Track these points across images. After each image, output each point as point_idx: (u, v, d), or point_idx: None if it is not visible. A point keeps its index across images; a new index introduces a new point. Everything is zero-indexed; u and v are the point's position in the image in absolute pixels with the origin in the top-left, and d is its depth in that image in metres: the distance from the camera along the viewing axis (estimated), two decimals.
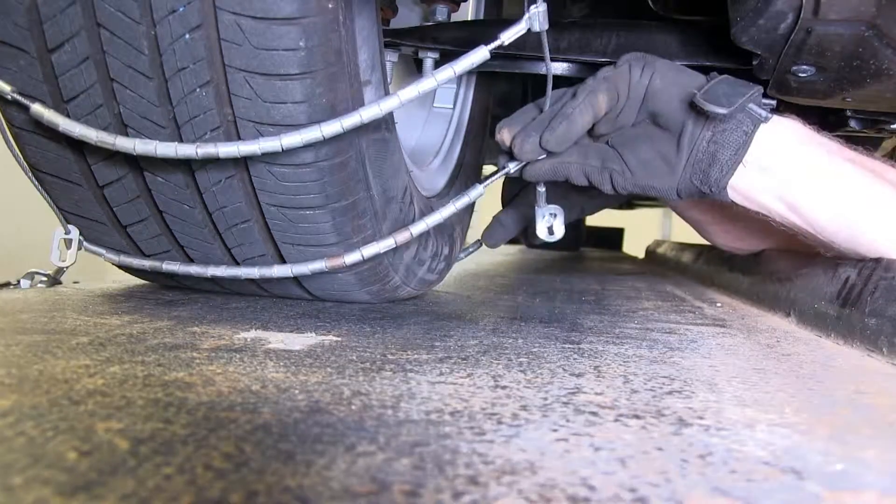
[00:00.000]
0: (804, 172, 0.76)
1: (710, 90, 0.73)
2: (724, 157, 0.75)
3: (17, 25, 0.60)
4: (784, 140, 0.76)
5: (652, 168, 0.78)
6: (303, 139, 0.60)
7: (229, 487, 0.28)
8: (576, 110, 0.73)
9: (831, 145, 0.78)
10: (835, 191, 0.76)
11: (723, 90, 0.73)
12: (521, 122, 0.78)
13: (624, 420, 0.40)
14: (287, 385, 0.44)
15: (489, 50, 0.64)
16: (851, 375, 0.57)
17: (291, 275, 0.73)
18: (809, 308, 0.83)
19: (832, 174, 0.76)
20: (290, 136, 0.60)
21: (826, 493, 0.31)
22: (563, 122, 0.73)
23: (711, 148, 0.75)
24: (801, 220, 0.78)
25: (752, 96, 0.74)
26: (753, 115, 0.74)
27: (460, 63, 0.64)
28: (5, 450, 0.30)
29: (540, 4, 0.63)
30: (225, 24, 0.56)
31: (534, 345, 0.63)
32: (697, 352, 0.64)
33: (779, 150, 0.75)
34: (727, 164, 0.75)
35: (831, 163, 0.76)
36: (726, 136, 0.74)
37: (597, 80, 0.76)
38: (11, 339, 0.53)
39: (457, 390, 0.45)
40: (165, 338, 0.57)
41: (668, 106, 0.76)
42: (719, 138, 0.74)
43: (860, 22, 0.73)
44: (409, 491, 0.28)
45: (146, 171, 0.69)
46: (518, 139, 0.76)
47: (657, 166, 0.77)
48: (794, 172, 0.76)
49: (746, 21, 0.77)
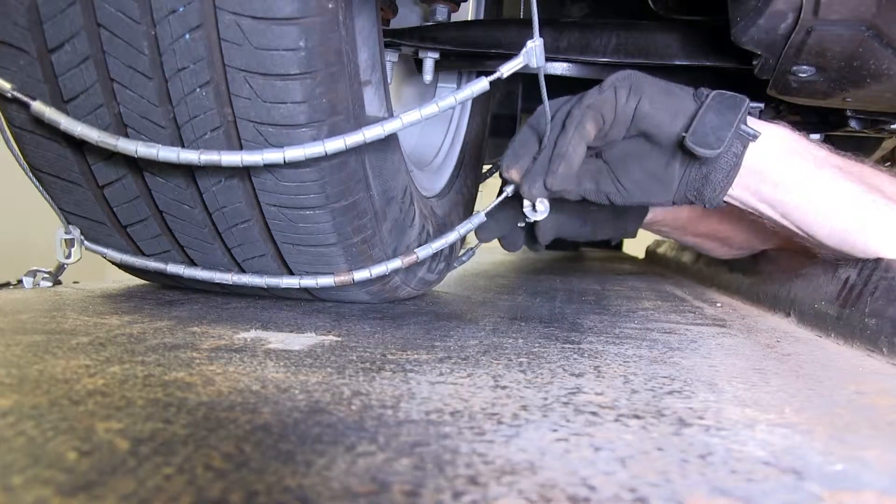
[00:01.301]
0: (793, 181, 0.77)
1: (697, 129, 0.74)
2: (716, 179, 0.77)
3: (17, 25, 0.60)
4: (773, 151, 0.77)
5: (646, 187, 0.80)
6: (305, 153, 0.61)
7: (229, 487, 0.28)
8: (569, 147, 0.75)
9: (819, 152, 0.79)
10: (823, 197, 0.78)
11: (711, 124, 0.74)
12: (525, 158, 0.79)
13: (624, 420, 0.40)
14: (287, 385, 0.44)
15: (489, 81, 0.66)
16: (851, 375, 0.57)
17: (299, 286, 0.74)
18: (809, 308, 0.83)
19: (820, 181, 0.78)
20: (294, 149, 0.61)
21: (826, 493, 0.31)
22: (561, 162, 0.75)
23: (704, 170, 0.77)
24: (793, 225, 0.80)
25: (741, 118, 0.75)
26: (743, 136, 0.76)
27: (462, 93, 0.66)
28: (5, 450, 0.30)
29: (536, 39, 0.64)
30: (225, 24, 0.56)
31: (534, 345, 0.63)
32: (697, 352, 0.64)
33: (769, 162, 0.77)
34: (720, 184, 0.77)
35: (819, 170, 0.77)
36: (718, 160, 0.76)
37: (582, 108, 0.76)
38: (11, 339, 0.53)
39: (457, 390, 0.45)
40: (165, 338, 0.57)
41: (658, 130, 0.77)
42: (711, 161, 0.76)
43: (860, 22, 0.73)
44: (409, 491, 0.28)
45: (146, 172, 0.69)
46: (526, 185, 0.78)
47: (651, 186, 0.80)
48: (784, 182, 0.77)
49: (746, 21, 0.78)
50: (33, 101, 0.64)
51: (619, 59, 1.03)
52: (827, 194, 0.77)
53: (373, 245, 0.74)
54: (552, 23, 1.06)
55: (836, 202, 0.77)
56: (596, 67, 1.08)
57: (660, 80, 0.79)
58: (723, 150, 0.73)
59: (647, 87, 0.77)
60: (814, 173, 0.77)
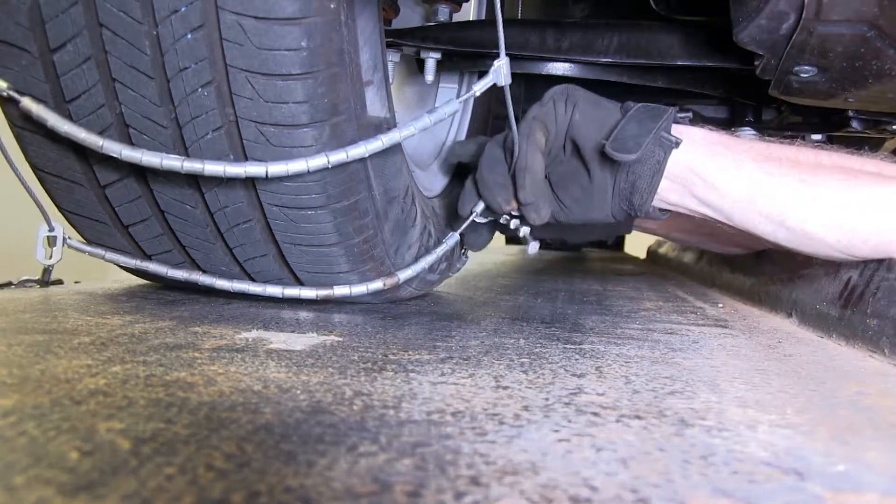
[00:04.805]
0: (722, 180, 0.79)
1: (618, 136, 0.77)
2: (641, 186, 0.80)
3: (19, 25, 0.60)
4: (697, 154, 0.79)
5: (584, 204, 0.83)
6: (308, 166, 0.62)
7: (231, 487, 0.28)
8: (528, 158, 0.78)
9: (741, 145, 0.81)
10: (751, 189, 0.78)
11: (631, 131, 0.78)
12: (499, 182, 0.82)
13: (626, 421, 0.40)
14: (289, 385, 0.44)
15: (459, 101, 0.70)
16: (853, 376, 0.57)
17: (316, 297, 0.76)
18: (811, 309, 0.83)
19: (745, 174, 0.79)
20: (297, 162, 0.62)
21: (828, 493, 0.30)
22: (526, 174, 0.78)
23: (631, 178, 0.80)
24: (738, 225, 0.82)
25: (662, 126, 0.78)
26: (664, 143, 0.78)
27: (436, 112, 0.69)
28: (7, 449, 0.30)
29: (502, 59, 0.68)
30: (227, 23, 0.56)
31: (535, 345, 0.63)
32: (699, 352, 0.64)
33: (695, 164, 0.79)
34: (645, 191, 0.80)
35: (736, 162, 0.79)
36: (641, 167, 0.79)
37: (527, 121, 0.80)
38: (13, 339, 0.53)
39: (458, 391, 0.45)
40: (167, 338, 0.57)
41: (585, 141, 0.80)
42: (636, 169, 0.79)
43: (862, 22, 0.73)
44: (410, 491, 0.28)
45: (148, 172, 0.69)
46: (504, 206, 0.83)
47: (588, 202, 0.83)
48: (714, 182, 0.79)
49: (748, 21, 0.77)
50: (22, 98, 0.64)
51: (620, 59, 1.03)
52: (753, 183, 0.78)
53: (374, 245, 0.74)
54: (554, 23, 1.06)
55: (765, 191, 0.78)
56: (598, 68, 1.08)
57: (592, 95, 0.83)
58: (640, 154, 0.76)
59: (580, 100, 0.81)
60: (732, 165, 0.79)
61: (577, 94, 0.82)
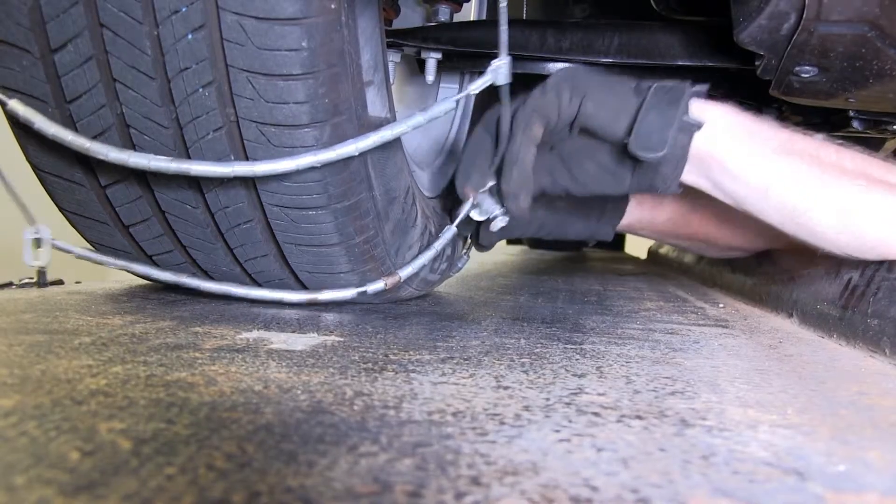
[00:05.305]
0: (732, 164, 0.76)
1: (639, 132, 0.74)
2: (666, 172, 0.78)
3: (19, 25, 0.60)
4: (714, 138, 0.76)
5: (600, 180, 0.82)
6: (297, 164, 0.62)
7: (231, 488, 0.28)
8: (520, 152, 0.76)
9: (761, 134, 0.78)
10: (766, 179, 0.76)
11: (653, 125, 0.74)
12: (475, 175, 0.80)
13: (626, 421, 0.40)
14: (289, 385, 0.44)
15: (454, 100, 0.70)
16: (854, 376, 0.57)
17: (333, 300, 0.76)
18: (812, 309, 0.83)
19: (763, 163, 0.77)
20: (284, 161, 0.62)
21: (828, 493, 0.30)
22: (514, 167, 0.76)
23: (654, 163, 0.78)
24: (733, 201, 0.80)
25: (683, 110, 0.75)
26: (687, 128, 0.75)
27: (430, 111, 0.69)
28: (8, 450, 0.30)
29: (502, 58, 0.67)
30: (227, 24, 0.57)
31: (536, 345, 0.63)
32: (700, 353, 0.64)
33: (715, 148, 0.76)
34: (670, 176, 0.78)
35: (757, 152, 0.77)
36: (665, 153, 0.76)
37: (527, 112, 0.77)
38: (14, 339, 0.53)
39: (459, 391, 0.45)
40: (168, 338, 0.57)
41: (602, 130, 0.77)
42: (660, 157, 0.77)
43: (863, 22, 0.73)
44: (411, 491, 0.28)
45: (148, 172, 0.69)
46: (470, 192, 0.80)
47: (605, 178, 0.81)
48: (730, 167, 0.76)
49: (749, 21, 0.77)
50: (9, 100, 0.64)
51: (621, 59, 1.03)
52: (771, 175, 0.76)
53: (375, 245, 0.74)
54: (555, 23, 1.06)
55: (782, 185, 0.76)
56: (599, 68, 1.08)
57: (602, 77, 0.78)
58: (667, 150, 0.74)
59: (589, 86, 0.77)
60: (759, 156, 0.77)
61: (584, 79, 0.78)
